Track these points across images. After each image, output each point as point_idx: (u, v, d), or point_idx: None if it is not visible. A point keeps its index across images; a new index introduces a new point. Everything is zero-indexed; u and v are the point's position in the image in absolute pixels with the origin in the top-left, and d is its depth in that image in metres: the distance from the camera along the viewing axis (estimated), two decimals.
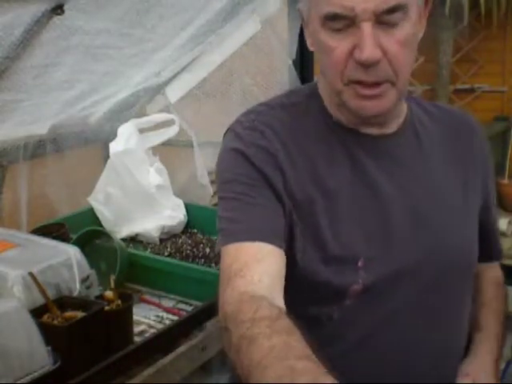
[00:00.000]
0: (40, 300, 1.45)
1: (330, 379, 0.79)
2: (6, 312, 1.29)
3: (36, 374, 1.27)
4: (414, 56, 1.08)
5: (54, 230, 1.89)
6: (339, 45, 1.03)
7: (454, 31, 4.84)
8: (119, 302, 1.54)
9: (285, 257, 1.04)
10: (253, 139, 1.10)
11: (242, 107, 1.36)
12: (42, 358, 1.30)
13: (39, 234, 1.81)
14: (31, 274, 1.45)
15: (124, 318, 1.55)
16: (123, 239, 2.11)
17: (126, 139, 2.19)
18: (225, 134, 1.17)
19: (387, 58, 1.02)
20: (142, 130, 2.27)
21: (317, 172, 1.10)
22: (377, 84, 1.04)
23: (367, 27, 1.00)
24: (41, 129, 2.15)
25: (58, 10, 1.55)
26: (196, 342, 1.67)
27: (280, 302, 0.99)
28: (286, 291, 1.03)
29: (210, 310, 1.74)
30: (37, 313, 1.40)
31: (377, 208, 1.11)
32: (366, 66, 1.01)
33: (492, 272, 1.34)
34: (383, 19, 1.00)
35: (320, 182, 1.10)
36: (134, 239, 2.18)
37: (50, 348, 1.32)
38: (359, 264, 1.08)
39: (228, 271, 1.01)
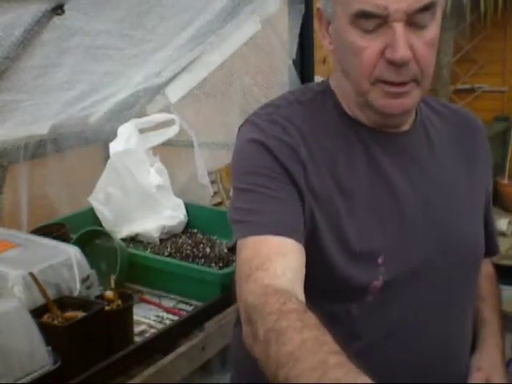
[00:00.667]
0: (40, 300, 1.45)
1: (361, 375, 0.79)
2: (6, 312, 1.29)
3: (36, 374, 1.27)
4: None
5: (54, 230, 1.89)
6: (370, 45, 1.03)
7: (454, 31, 4.84)
8: (119, 302, 1.54)
9: (305, 253, 1.03)
10: (274, 132, 1.09)
11: (241, 107, 1.36)
12: (42, 358, 1.30)
13: (39, 234, 1.81)
14: (31, 274, 1.45)
15: (124, 317, 1.55)
16: (123, 239, 2.11)
17: (125, 139, 2.19)
18: (241, 127, 1.16)
19: (415, 58, 1.03)
20: (142, 130, 2.27)
21: (336, 168, 1.11)
22: (403, 83, 1.05)
23: (399, 27, 1.00)
24: (41, 129, 2.15)
25: (58, 10, 1.56)
26: (196, 341, 1.67)
27: (302, 297, 0.97)
28: (305, 287, 1.02)
29: (210, 310, 1.75)
30: (37, 313, 1.40)
31: (393, 205, 1.13)
32: (398, 65, 1.02)
33: (485, 267, 1.36)
34: (414, 20, 1.01)
35: (339, 178, 1.11)
36: (134, 239, 2.18)
37: (50, 348, 1.32)
38: (379, 260, 1.09)
39: (249, 265, 0.99)
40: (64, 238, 1.83)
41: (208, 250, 2.06)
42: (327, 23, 1.11)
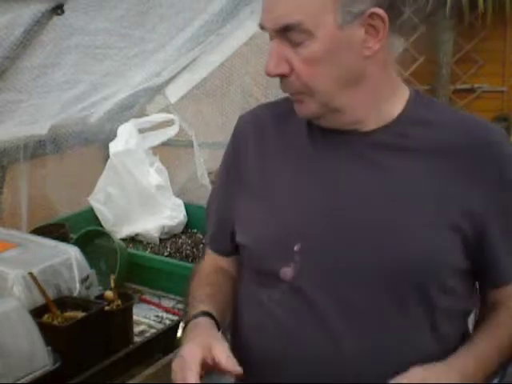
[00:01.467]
0: (40, 300, 1.45)
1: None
2: (6, 312, 1.28)
3: (36, 374, 1.27)
4: (349, 70, 1.11)
5: (54, 230, 1.89)
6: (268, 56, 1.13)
7: (453, 31, 4.84)
8: (119, 302, 1.53)
9: (218, 258, 1.34)
10: (233, 139, 1.31)
11: (241, 107, 1.37)
12: (42, 358, 1.29)
13: (39, 234, 1.81)
14: (31, 274, 1.45)
15: (124, 318, 1.55)
16: (123, 239, 2.11)
17: (126, 139, 2.19)
18: None
19: (294, 73, 1.10)
20: (141, 130, 2.27)
21: (277, 163, 1.23)
22: (293, 93, 1.15)
23: (274, 43, 1.10)
24: (41, 129, 2.15)
25: (58, 10, 1.55)
26: None
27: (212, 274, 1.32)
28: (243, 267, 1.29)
29: None
30: (37, 313, 1.40)
31: (326, 200, 1.16)
32: (280, 78, 1.12)
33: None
34: (287, 37, 1.08)
35: (271, 172, 1.22)
36: (134, 239, 2.18)
37: (49, 348, 1.32)
38: (295, 248, 1.14)
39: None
40: (64, 238, 1.83)
41: None
42: None
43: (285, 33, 1.08)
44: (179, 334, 1.20)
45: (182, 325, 1.20)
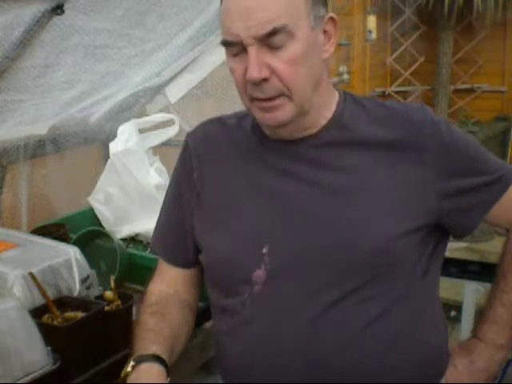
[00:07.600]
0: (40, 300, 1.45)
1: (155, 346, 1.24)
2: (6, 312, 1.28)
3: (36, 374, 1.27)
4: (317, 71, 1.19)
5: (53, 230, 1.89)
6: (237, 67, 1.16)
7: (453, 31, 4.85)
8: (119, 302, 1.53)
9: (177, 270, 1.42)
10: (182, 157, 1.39)
11: (241, 107, 1.38)
12: (42, 358, 1.29)
13: (39, 234, 1.80)
14: (31, 274, 1.44)
15: (124, 318, 1.55)
16: (123, 239, 2.11)
17: (125, 139, 2.19)
18: None
19: (276, 76, 1.14)
20: (142, 130, 2.27)
21: (229, 177, 1.30)
22: (270, 98, 1.16)
23: (252, 51, 1.13)
24: (41, 129, 2.15)
25: (58, 10, 1.56)
26: (196, 342, 1.67)
27: (158, 296, 1.41)
28: (209, 287, 1.35)
29: (209, 310, 1.74)
30: (37, 313, 1.39)
31: (280, 204, 1.23)
32: (256, 84, 1.13)
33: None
34: (267, 42, 1.12)
35: (229, 185, 1.29)
36: (134, 239, 2.18)
37: (49, 348, 1.32)
38: (264, 250, 1.21)
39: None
40: (63, 238, 1.83)
41: None
42: None
43: (267, 38, 1.11)
44: (126, 370, 1.21)
45: (131, 363, 1.21)
